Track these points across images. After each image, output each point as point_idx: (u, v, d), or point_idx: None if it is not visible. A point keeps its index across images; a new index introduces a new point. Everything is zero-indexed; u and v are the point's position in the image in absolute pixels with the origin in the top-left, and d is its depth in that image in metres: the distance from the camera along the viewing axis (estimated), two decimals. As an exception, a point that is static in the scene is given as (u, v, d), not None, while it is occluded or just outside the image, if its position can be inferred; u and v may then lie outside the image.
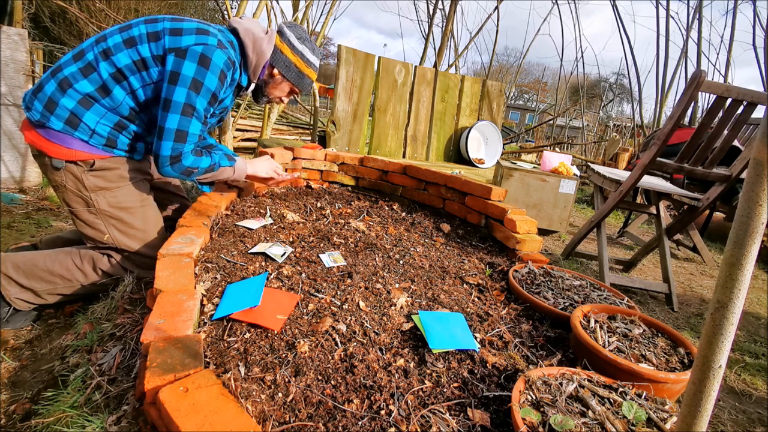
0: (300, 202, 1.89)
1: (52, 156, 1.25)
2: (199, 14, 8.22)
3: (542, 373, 0.85)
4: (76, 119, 1.23)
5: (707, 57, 7.30)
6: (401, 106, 3.72)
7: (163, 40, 1.24)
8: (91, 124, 1.25)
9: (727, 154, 3.08)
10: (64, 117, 1.22)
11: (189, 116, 1.26)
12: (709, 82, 1.76)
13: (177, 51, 1.22)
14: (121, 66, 1.23)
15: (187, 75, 1.22)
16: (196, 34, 1.25)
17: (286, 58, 1.45)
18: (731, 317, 0.49)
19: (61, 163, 1.26)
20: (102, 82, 1.24)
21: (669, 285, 2.22)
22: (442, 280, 1.35)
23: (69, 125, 1.23)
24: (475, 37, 6.28)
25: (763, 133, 0.46)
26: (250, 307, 0.98)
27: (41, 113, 1.21)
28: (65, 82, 1.22)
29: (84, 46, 1.27)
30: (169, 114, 1.24)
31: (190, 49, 1.21)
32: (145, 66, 1.25)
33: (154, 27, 1.26)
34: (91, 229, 1.35)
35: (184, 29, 1.26)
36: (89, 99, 1.24)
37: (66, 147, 1.24)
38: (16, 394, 1.04)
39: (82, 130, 1.24)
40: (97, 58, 1.23)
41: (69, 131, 1.23)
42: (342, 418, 0.74)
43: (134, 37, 1.24)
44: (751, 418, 1.38)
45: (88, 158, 1.27)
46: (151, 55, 1.24)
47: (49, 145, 1.24)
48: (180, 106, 1.23)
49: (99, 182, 1.31)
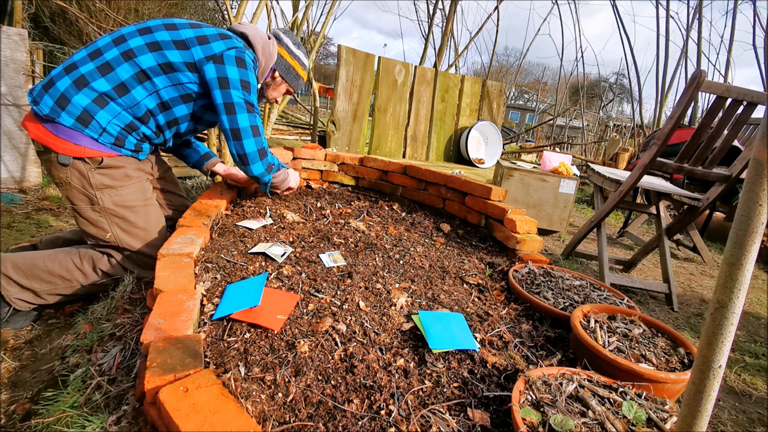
0: (300, 202, 1.89)
1: (58, 152, 1.25)
2: (199, 14, 8.21)
3: (542, 373, 0.85)
4: (89, 117, 1.24)
5: (707, 57, 7.30)
6: (401, 106, 3.72)
7: (192, 49, 1.30)
8: (103, 122, 1.26)
9: (727, 154, 3.08)
10: (75, 114, 1.23)
11: (252, 112, 1.36)
12: (709, 82, 1.76)
13: (214, 58, 1.29)
14: (145, 67, 1.27)
15: (234, 78, 1.30)
16: (222, 39, 1.32)
17: (286, 62, 1.56)
18: (731, 317, 0.49)
19: (69, 159, 1.26)
20: (121, 81, 1.26)
21: (669, 285, 2.22)
22: (442, 280, 1.35)
23: (80, 122, 1.24)
24: (475, 37, 6.28)
25: (763, 133, 0.46)
26: (250, 307, 0.98)
27: (51, 108, 1.22)
28: (81, 79, 1.24)
29: (100, 45, 1.28)
30: (237, 115, 1.33)
31: (225, 54, 1.29)
32: (172, 69, 1.30)
33: (177, 35, 1.30)
34: (94, 228, 1.35)
35: (208, 36, 1.32)
36: (105, 98, 1.26)
37: (74, 143, 1.25)
38: (16, 394, 1.04)
39: (92, 128, 1.25)
40: (118, 58, 1.26)
41: (79, 128, 1.24)
42: (342, 418, 0.74)
43: (158, 42, 1.28)
44: (751, 418, 1.38)
45: (96, 155, 1.28)
46: (182, 61, 1.29)
47: (56, 141, 1.24)
48: (243, 105, 1.33)
49: (105, 180, 1.32)
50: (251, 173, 1.47)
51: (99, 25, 3.50)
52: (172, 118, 1.38)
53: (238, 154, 1.41)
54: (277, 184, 1.64)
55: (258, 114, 1.39)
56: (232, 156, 1.43)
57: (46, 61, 4.21)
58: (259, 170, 1.46)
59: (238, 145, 1.38)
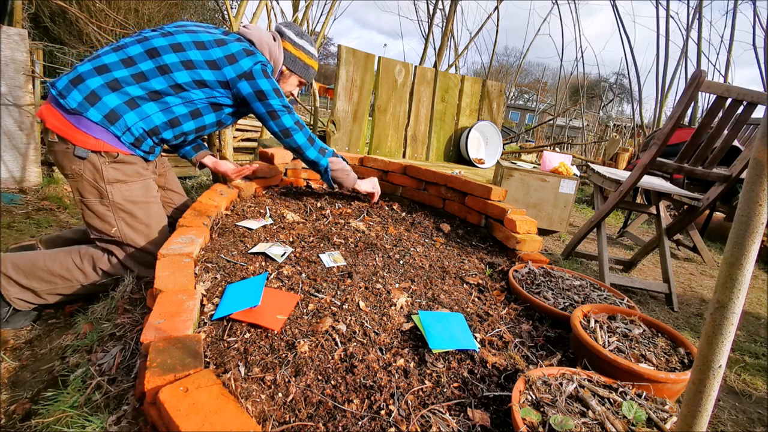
0: (300, 202, 1.89)
1: (77, 144, 1.27)
2: (199, 14, 8.21)
3: (542, 373, 0.85)
4: (117, 116, 1.29)
5: (707, 57, 7.29)
6: (401, 106, 3.72)
7: (224, 69, 1.41)
8: (130, 123, 1.31)
9: (727, 154, 3.08)
10: (104, 111, 1.27)
11: (290, 113, 1.55)
12: (709, 82, 1.76)
13: (245, 75, 1.43)
14: (180, 82, 1.36)
15: (267, 89, 1.46)
16: (248, 56, 1.44)
17: (292, 55, 1.63)
18: (731, 317, 0.49)
19: (86, 152, 1.28)
20: (155, 89, 1.33)
21: (669, 285, 2.22)
22: (442, 280, 1.35)
23: (107, 119, 1.28)
24: (475, 37, 6.27)
25: (763, 133, 0.46)
26: (250, 307, 0.98)
27: (80, 103, 1.25)
28: (115, 83, 1.29)
29: (132, 54, 1.33)
30: (281, 118, 1.53)
31: (253, 70, 1.43)
32: (206, 85, 1.41)
33: (208, 55, 1.40)
34: (100, 221, 1.36)
35: (235, 54, 1.42)
36: (137, 101, 1.32)
37: (95, 137, 1.28)
38: (16, 394, 1.04)
39: (118, 126, 1.30)
40: (153, 71, 1.33)
41: (106, 125, 1.28)
42: (342, 418, 0.74)
43: (192, 61, 1.37)
44: (751, 418, 1.38)
45: (113, 150, 1.31)
46: (215, 80, 1.41)
47: (77, 133, 1.26)
48: (283, 110, 1.52)
49: (118, 175, 1.34)
50: (308, 157, 1.66)
51: (99, 25, 3.49)
52: (202, 124, 1.49)
53: (293, 147, 1.62)
54: (337, 173, 1.76)
55: (294, 111, 1.58)
56: (292, 151, 1.66)
57: (46, 61, 4.21)
58: (314, 154, 1.66)
59: (291, 141, 1.59)
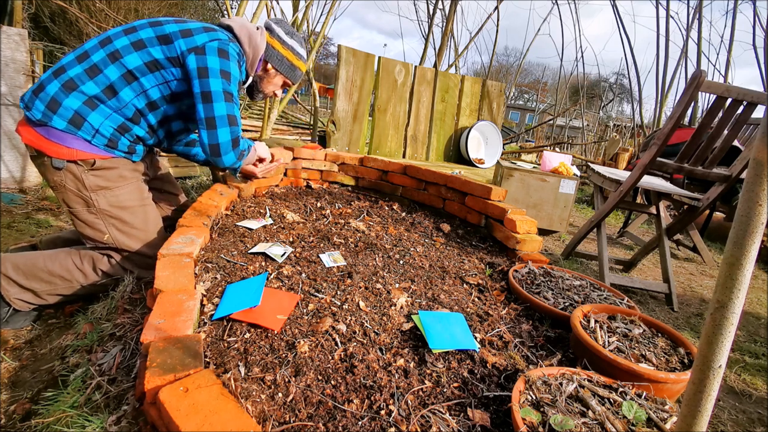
0: (300, 202, 1.89)
1: (52, 156, 1.25)
2: (199, 14, 8.20)
3: (542, 373, 0.85)
4: (80, 119, 1.24)
5: (707, 57, 7.29)
6: (401, 106, 3.72)
7: (176, 43, 1.28)
8: (96, 124, 1.26)
9: (727, 154, 3.08)
10: (67, 117, 1.23)
11: (231, 102, 1.33)
12: (709, 82, 1.76)
13: (196, 49, 1.27)
14: (131, 68, 1.26)
15: (214, 67, 1.28)
16: (206, 32, 1.31)
17: (278, 53, 1.52)
18: (731, 317, 0.49)
19: (62, 162, 1.26)
20: (109, 83, 1.26)
21: (669, 285, 2.22)
22: (442, 280, 1.35)
23: (72, 125, 1.24)
24: (475, 37, 6.28)
25: (763, 133, 0.46)
26: (250, 307, 0.98)
27: (43, 113, 1.22)
28: (70, 83, 1.23)
29: (87, 47, 1.28)
30: (214, 104, 1.29)
31: (207, 46, 1.28)
32: (158, 67, 1.29)
33: (161, 30, 1.29)
34: (91, 229, 1.35)
35: (192, 29, 1.31)
36: (95, 100, 1.26)
37: (67, 146, 1.25)
38: (16, 394, 1.04)
39: (85, 130, 1.25)
40: (105, 60, 1.25)
41: (72, 130, 1.24)
42: (342, 418, 0.74)
43: (143, 40, 1.27)
44: (751, 418, 1.38)
45: (88, 158, 1.28)
46: (165, 57, 1.28)
47: (49, 145, 1.24)
48: (221, 94, 1.29)
49: (99, 182, 1.32)
50: (222, 165, 1.38)
51: (99, 25, 3.50)
52: (162, 117, 1.38)
53: (210, 144, 1.32)
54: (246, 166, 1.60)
55: (237, 105, 1.36)
56: (202, 147, 1.35)
57: (46, 61, 4.20)
58: (231, 160, 1.38)
59: (211, 134, 1.31)
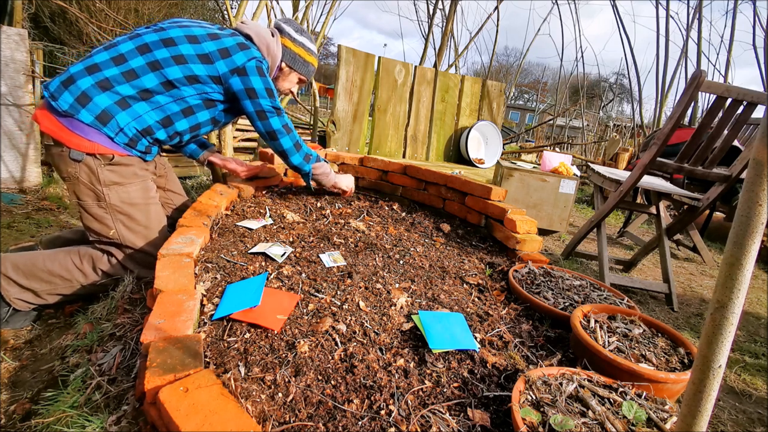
0: (300, 202, 1.89)
1: (72, 147, 1.26)
2: (199, 14, 8.21)
3: (542, 373, 0.85)
4: (108, 116, 1.27)
5: (707, 57, 7.29)
6: (401, 106, 3.72)
7: (216, 64, 1.37)
8: (122, 123, 1.29)
9: (727, 154, 3.08)
10: (95, 112, 1.25)
11: (280, 115, 1.52)
12: (709, 82, 1.76)
13: (238, 71, 1.39)
14: (171, 78, 1.33)
15: (259, 88, 1.42)
16: (242, 51, 1.40)
17: (291, 51, 1.61)
18: (731, 317, 0.49)
19: (81, 155, 1.27)
20: (146, 88, 1.31)
21: (669, 285, 2.22)
22: (442, 280, 1.35)
23: (99, 120, 1.26)
24: (475, 37, 6.27)
25: (763, 133, 0.46)
26: (250, 307, 0.98)
27: (71, 105, 1.24)
28: (105, 82, 1.27)
29: (123, 51, 1.31)
30: (270, 119, 1.49)
31: (247, 66, 1.40)
32: (198, 81, 1.37)
33: (200, 49, 1.36)
34: (98, 224, 1.36)
35: (229, 48, 1.39)
36: (129, 100, 1.30)
37: (88, 140, 1.26)
38: (16, 394, 1.04)
39: (110, 127, 1.28)
40: (144, 68, 1.30)
41: (98, 126, 1.26)
42: (342, 418, 0.74)
43: (183, 56, 1.34)
44: (751, 418, 1.38)
45: (108, 153, 1.30)
46: (206, 74, 1.37)
47: (71, 136, 1.25)
48: (273, 111, 1.49)
49: (114, 177, 1.33)
50: (292, 163, 1.65)
51: (99, 25, 3.49)
52: (196, 123, 1.45)
53: (278, 151, 1.60)
54: (319, 176, 1.78)
55: (285, 114, 1.55)
56: (276, 154, 1.64)
57: (46, 61, 4.20)
58: (298, 160, 1.65)
59: (276, 144, 1.56)
